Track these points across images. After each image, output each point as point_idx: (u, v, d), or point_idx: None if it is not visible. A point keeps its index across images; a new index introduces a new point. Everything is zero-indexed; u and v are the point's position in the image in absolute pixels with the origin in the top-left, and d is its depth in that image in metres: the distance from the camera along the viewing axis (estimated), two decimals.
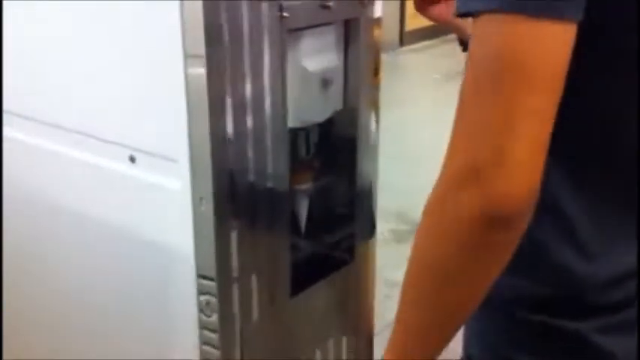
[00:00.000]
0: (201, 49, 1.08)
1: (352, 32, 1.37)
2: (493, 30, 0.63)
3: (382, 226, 3.23)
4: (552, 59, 0.62)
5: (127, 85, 1.22)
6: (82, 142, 1.31)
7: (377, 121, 1.50)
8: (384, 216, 3.20)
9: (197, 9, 1.06)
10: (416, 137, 4.32)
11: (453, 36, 1.35)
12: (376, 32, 1.41)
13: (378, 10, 1.40)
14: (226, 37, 1.10)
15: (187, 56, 1.10)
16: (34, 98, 1.39)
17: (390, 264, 2.88)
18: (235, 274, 1.22)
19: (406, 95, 4.99)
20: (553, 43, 0.62)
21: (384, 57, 1.49)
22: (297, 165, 1.36)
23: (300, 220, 1.44)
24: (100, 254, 1.38)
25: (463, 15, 0.67)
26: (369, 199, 1.54)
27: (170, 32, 1.10)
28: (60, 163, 1.38)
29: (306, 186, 1.42)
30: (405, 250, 0.80)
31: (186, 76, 1.11)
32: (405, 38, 6.40)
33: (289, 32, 1.22)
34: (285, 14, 1.18)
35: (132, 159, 1.24)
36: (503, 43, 0.62)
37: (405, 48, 6.41)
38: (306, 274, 1.44)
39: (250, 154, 1.20)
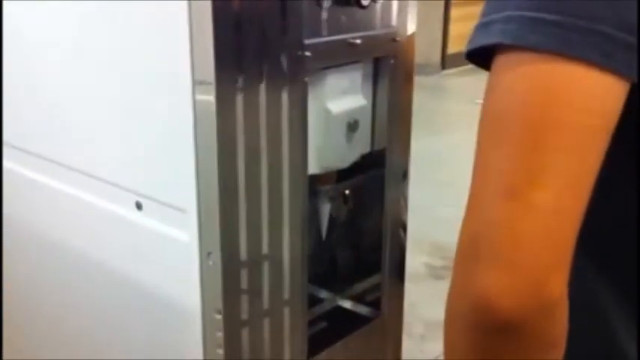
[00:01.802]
0: (211, 90, 0.99)
1: (382, 70, 1.26)
2: (525, 70, 0.48)
3: (416, 259, 3.09)
4: (597, 115, 0.48)
5: (137, 128, 1.14)
6: (89, 184, 1.23)
7: (407, 164, 1.39)
8: (418, 248, 3.05)
9: (208, 42, 0.97)
10: (459, 164, 4.18)
11: None
12: (408, 68, 1.29)
13: (412, 36, 1.28)
14: (240, 79, 1.00)
15: (197, 93, 1.00)
16: (43, 135, 1.32)
17: (426, 302, 2.74)
18: (245, 342, 1.11)
19: (448, 120, 4.85)
20: (603, 96, 0.48)
21: (425, 80, 1.37)
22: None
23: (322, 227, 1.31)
24: (102, 298, 1.29)
25: (476, 52, 0.52)
26: (397, 247, 1.42)
27: (181, 76, 1.01)
28: (66, 203, 1.30)
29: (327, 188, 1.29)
30: (442, 288, 0.65)
31: (196, 116, 1.02)
32: (447, 61, 6.26)
33: (312, 72, 1.11)
34: (307, 53, 1.08)
35: (138, 205, 1.15)
36: (538, 88, 0.48)
37: (447, 71, 6.26)
38: (325, 331, 1.32)
39: (264, 205, 1.09)
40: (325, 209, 1.32)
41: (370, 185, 1.36)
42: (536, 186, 0.47)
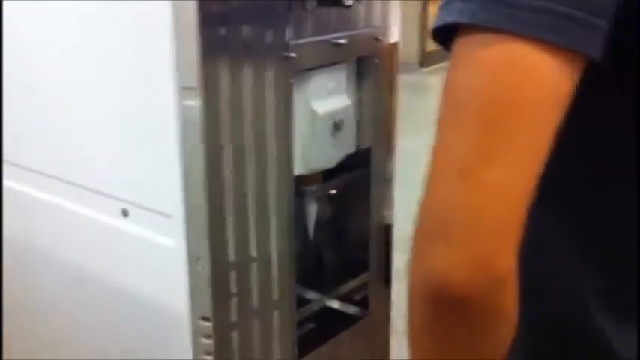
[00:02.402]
0: (196, 94, 0.98)
1: (365, 70, 1.25)
2: (480, 51, 0.49)
3: (397, 258, 3.10)
4: (549, 94, 0.49)
5: (121, 134, 1.13)
6: (73, 193, 1.21)
7: (393, 163, 1.39)
8: (399, 246, 3.05)
9: (193, 47, 0.96)
10: None
11: None
12: (392, 67, 1.30)
13: (395, 35, 1.28)
14: (225, 82, 0.99)
15: (183, 104, 0.99)
16: (25, 146, 1.29)
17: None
18: (235, 345, 1.10)
19: (428, 118, 4.86)
20: (555, 74, 0.49)
21: (404, 78, 1.37)
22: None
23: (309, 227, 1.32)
24: (90, 306, 1.28)
25: (439, 31, 0.52)
26: (384, 246, 1.42)
27: (166, 82, 1.00)
28: (50, 213, 1.28)
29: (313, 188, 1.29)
30: None
31: (182, 122, 1.01)
32: (425, 59, 6.28)
33: (297, 73, 1.11)
34: (292, 55, 1.07)
35: (124, 212, 1.14)
36: (491, 70, 0.49)
37: (425, 69, 6.28)
38: (314, 332, 1.32)
39: (251, 208, 1.08)
40: (312, 210, 1.32)
41: (356, 185, 1.36)
42: (488, 165, 0.48)
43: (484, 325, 0.51)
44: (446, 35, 0.52)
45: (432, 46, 6.29)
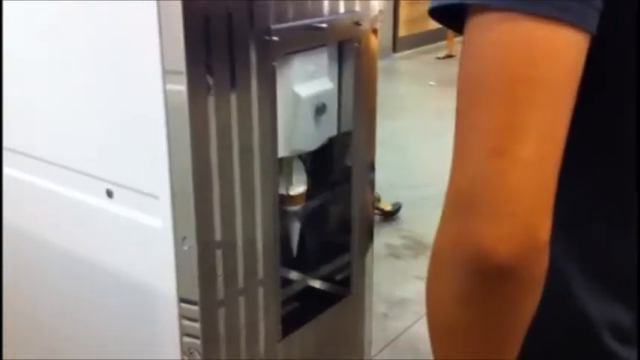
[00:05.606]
0: (182, 77, 0.99)
1: (346, 53, 1.28)
2: (493, 31, 0.51)
3: (376, 240, 3.16)
4: (565, 69, 0.51)
5: (106, 115, 1.13)
6: (56, 173, 1.21)
7: (373, 146, 1.42)
8: (377, 228, 3.11)
9: (178, 31, 0.97)
10: (413, 147, 4.24)
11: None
12: (372, 51, 1.32)
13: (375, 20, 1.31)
14: (210, 67, 1.01)
15: (168, 83, 1.01)
16: (10, 127, 1.29)
17: (387, 281, 2.79)
18: (221, 324, 1.13)
19: (402, 103, 4.91)
20: (569, 52, 0.51)
21: (378, 64, 1.39)
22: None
23: (292, 244, 1.36)
24: (76, 287, 1.29)
25: (442, 9, 0.54)
26: (366, 227, 1.46)
27: (151, 65, 1.01)
28: (34, 194, 1.28)
29: (296, 208, 1.32)
30: (402, 267, 0.67)
31: (167, 104, 1.02)
32: (398, 44, 6.32)
33: (279, 56, 1.13)
34: (274, 38, 1.09)
35: (109, 193, 1.15)
36: (507, 49, 0.51)
37: (398, 54, 6.32)
38: (297, 311, 1.35)
39: (237, 188, 1.10)
40: (295, 228, 1.34)
41: (337, 174, 1.39)
42: (520, 141, 0.50)
43: (525, 293, 0.53)
44: (445, 13, 0.54)
45: (404, 31, 6.33)
